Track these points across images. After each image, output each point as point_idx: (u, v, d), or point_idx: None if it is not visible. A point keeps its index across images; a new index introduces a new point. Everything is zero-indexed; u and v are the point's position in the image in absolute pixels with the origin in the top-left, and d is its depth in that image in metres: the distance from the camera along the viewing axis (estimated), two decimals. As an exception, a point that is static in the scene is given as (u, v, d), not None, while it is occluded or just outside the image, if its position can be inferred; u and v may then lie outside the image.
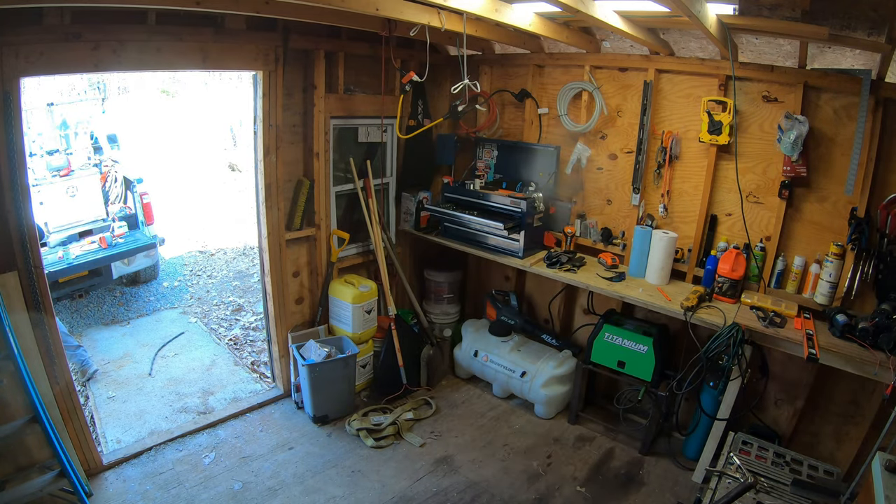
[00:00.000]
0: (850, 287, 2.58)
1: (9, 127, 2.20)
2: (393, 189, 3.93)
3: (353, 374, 3.35)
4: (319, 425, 3.27)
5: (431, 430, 3.30)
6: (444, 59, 3.71)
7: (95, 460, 2.77)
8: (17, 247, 2.33)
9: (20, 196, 2.28)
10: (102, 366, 3.97)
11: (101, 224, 5.05)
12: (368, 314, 3.49)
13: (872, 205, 2.53)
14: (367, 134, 3.63)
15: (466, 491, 2.81)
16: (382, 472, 2.92)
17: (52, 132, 5.38)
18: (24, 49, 2.17)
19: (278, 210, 3.23)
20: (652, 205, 3.25)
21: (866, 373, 2.33)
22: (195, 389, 3.66)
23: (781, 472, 2.14)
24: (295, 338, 3.41)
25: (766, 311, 2.66)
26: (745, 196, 2.88)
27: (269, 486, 2.77)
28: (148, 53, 2.52)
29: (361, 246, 3.78)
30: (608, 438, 3.28)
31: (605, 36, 3.13)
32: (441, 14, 2.63)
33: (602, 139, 3.36)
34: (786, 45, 2.56)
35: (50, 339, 2.48)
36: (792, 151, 2.60)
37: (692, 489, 2.73)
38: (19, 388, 2.25)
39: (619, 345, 3.08)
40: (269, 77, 2.98)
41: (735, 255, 2.86)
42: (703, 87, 2.93)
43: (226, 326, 4.75)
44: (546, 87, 3.55)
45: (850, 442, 2.77)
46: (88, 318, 4.80)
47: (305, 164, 3.36)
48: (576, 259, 3.32)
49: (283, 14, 2.51)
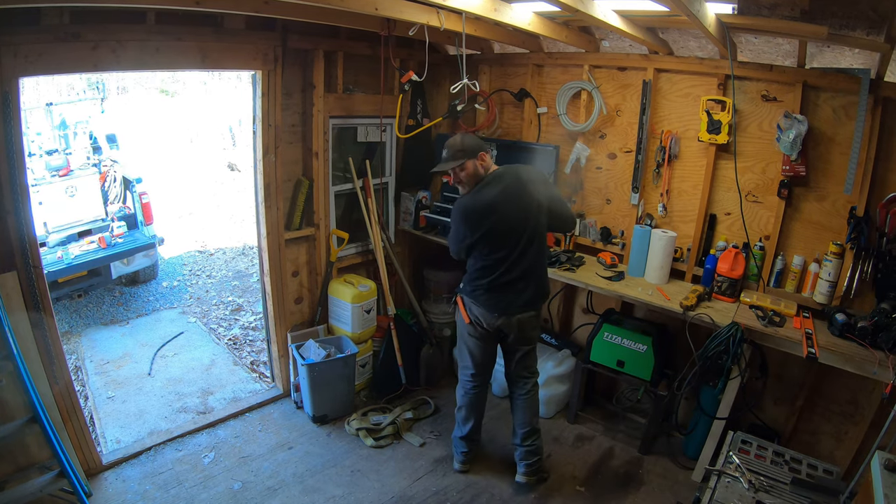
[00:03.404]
0: (849, 286, 2.58)
1: (8, 127, 2.19)
2: (392, 188, 3.93)
3: (353, 374, 3.35)
4: (319, 425, 3.27)
5: (431, 429, 3.30)
6: (443, 59, 3.70)
7: (95, 460, 2.77)
8: (16, 247, 2.33)
9: (19, 196, 2.28)
10: (102, 366, 3.97)
11: (100, 224, 5.04)
12: (368, 314, 3.49)
13: (871, 204, 2.54)
14: (367, 133, 3.63)
15: (466, 490, 2.82)
16: (382, 471, 2.92)
17: (51, 132, 5.38)
18: (22, 49, 2.16)
19: (277, 210, 3.23)
20: (651, 204, 3.25)
21: (865, 372, 2.33)
22: (194, 389, 3.66)
23: (781, 471, 2.14)
24: (294, 337, 3.41)
25: (766, 311, 2.67)
26: (744, 195, 2.88)
27: (268, 486, 2.77)
28: (147, 53, 2.52)
29: (360, 245, 3.78)
30: (607, 438, 3.28)
31: (605, 35, 3.13)
32: (440, 13, 2.63)
33: (601, 138, 3.36)
34: (785, 44, 2.56)
35: (49, 340, 2.47)
36: (791, 151, 2.60)
37: (691, 488, 2.72)
38: (19, 389, 2.25)
39: (619, 344, 3.08)
40: (268, 77, 2.98)
41: (734, 254, 2.86)
42: (702, 87, 2.93)
43: (225, 326, 4.75)
44: (545, 87, 3.55)
45: (850, 441, 2.78)
46: (88, 318, 4.80)
47: (304, 164, 3.36)
48: (575, 258, 3.32)
49: (282, 14, 2.51)
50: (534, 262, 2.57)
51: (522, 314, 2.61)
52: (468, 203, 2.54)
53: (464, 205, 2.55)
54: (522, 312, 2.61)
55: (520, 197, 2.49)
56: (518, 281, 2.55)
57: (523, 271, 2.54)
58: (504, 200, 2.48)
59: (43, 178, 4.73)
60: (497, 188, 2.50)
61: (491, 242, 2.51)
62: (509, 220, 2.48)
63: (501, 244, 2.50)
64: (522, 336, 2.67)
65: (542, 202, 2.51)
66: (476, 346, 2.73)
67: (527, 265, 2.54)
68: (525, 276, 2.56)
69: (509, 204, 2.48)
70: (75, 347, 4.25)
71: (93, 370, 3.92)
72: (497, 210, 2.47)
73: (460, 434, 2.91)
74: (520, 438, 2.81)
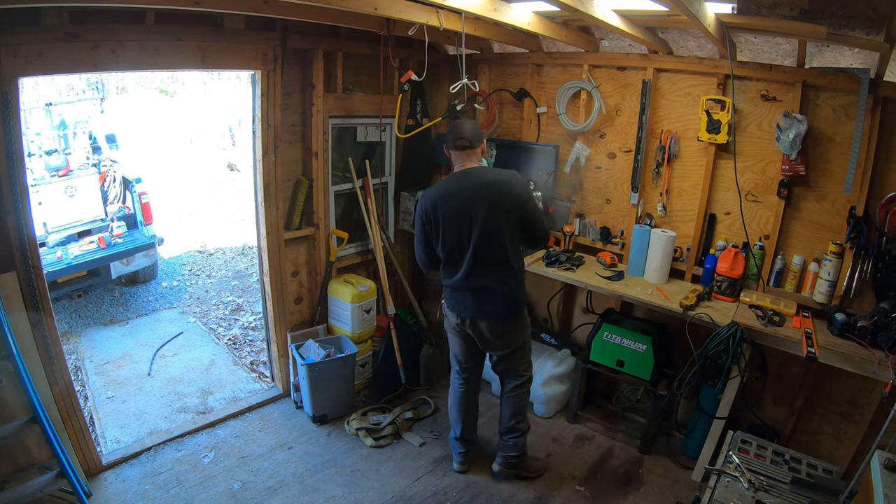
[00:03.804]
0: (848, 285, 2.59)
1: (7, 127, 2.19)
2: (392, 188, 3.93)
3: (353, 374, 3.35)
4: (319, 425, 3.27)
5: (431, 429, 3.30)
6: (442, 59, 3.70)
7: (95, 460, 2.77)
8: (15, 247, 2.32)
9: (19, 196, 2.28)
10: (101, 366, 3.97)
11: (99, 224, 5.04)
12: (367, 314, 3.49)
13: (871, 203, 2.54)
14: (366, 133, 3.63)
15: (466, 490, 2.82)
16: (382, 471, 2.92)
17: (51, 132, 5.38)
18: (22, 49, 2.16)
19: (277, 210, 3.23)
20: (651, 204, 3.25)
21: (865, 371, 2.33)
22: (194, 389, 3.66)
23: (780, 471, 2.14)
24: (294, 337, 3.41)
25: (765, 310, 2.67)
26: (743, 195, 2.88)
27: (268, 486, 2.77)
28: (146, 53, 2.51)
29: (360, 245, 3.78)
30: (607, 437, 3.28)
31: (604, 35, 3.13)
32: (439, 13, 2.63)
33: (601, 138, 3.36)
34: (784, 43, 2.56)
35: (49, 340, 2.47)
36: (791, 150, 2.60)
37: (691, 488, 2.73)
38: (18, 389, 2.25)
39: (618, 344, 3.08)
40: (267, 76, 2.97)
41: (734, 253, 2.86)
42: (701, 86, 2.93)
43: (225, 326, 4.75)
44: (545, 87, 3.55)
45: (849, 440, 2.78)
46: (87, 318, 4.80)
47: (304, 164, 3.36)
48: (574, 258, 3.33)
49: (281, 14, 2.51)
50: (498, 269, 2.50)
51: (487, 322, 2.58)
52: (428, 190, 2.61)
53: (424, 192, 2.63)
54: (487, 320, 2.57)
55: (476, 195, 2.43)
56: (479, 288, 2.52)
57: (484, 277, 2.50)
58: (456, 195, 2.46)
59: (42, 178, 4.73)
60: (456, 182, 2.50)
61: (441, 234, 2.50)
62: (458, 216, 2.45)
63: (448, 237, 2.48)
64: (494, 342, 2.65)
65: (509, 208, 2.44)
66: (454, 342, 2.79)
67: (488, 271, 2.49)
68: (487, 283, 2.51)
69: (459, 200, 2.45)
70: (75, 347, 4.24)
71: (92, 370, 3.92)
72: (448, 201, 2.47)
73: (454, 435, 2.93)
74: (501, 432, 2.87)
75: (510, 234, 2.47)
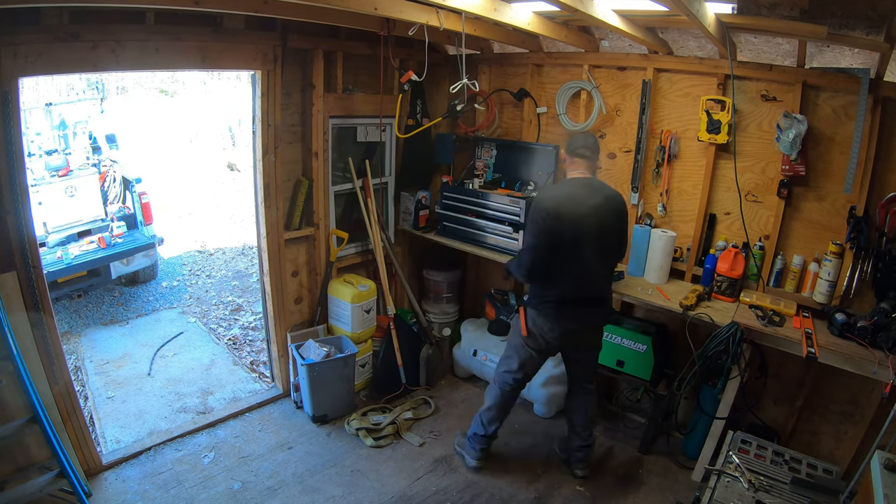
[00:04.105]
0: (848, 286, 2.59)
1: (7, 127, 2.19)
2: (392, 188, 3.93)
3: (353, 374, 3.35)
4: (319, 425, 3.27)
5: (431, 429, 3.30)
6: (442, 59, 3.70)
7: (95, 460, 2.77)
8: (15, 247, 2.32)
9: (19, 196, 2.28)
10: (101, 366, 3.97)
11: (99, 224, 5.03)
12: (367, 314, 3.49)
13: (871, 203, 2.54)
14: (366, 133, 3.63)
15: (466, 490, 2.82)
16: (382, 471, 2.92)
17: (51, 132, 5.37)
18: (22, 49, 2.16)
19: (277, 210, 3.23)
20: (651, 204, 3.25)
21: (865, 371, 2.33)
22: (194, 389, 3.66)
23: (780, 471, 2.14)
24: (294, 337, 3.41)
25: (765, 310, 2.67)
26: (743, 195, 2.88)
27: (268, 486, 2.77)
28: (146, 53, 2.51)
29: (360, 245, 3.78)
30: (607, 437, 3.28)
31: (604, 35, 3.13)
32: (440, 13, 2.63)
33: (601, 138, 3.35)
34: (784, 44, 2.56)
35: (49, 340, 2.47)
36: (791, 150, 2.60)
37: (691, 488, 2.72)
38: (18, 389, 2.25)
39: (618, 344, 3.08)
40: (267, 76, 2.97)
41: (734, 253, 2.86)
42: (701, 86, 2.93)
43: (225, 326, 4.75)
44: (545, 87, 3.55)
45: (849, 440, 2.78)
46: (87, 318, 4.80)
47: (304, 164, 3.36)
48: (575, 258, 3.32)
49: (281, 14, 2.51)
50: (607, 281, 2.67)
51: (588, 330, 2.67)
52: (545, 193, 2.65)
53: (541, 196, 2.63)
54: (589, 328, 2.66)
55: (604, 207, 2.45)
56: (594, 299, 2.57)
57: (601, 288, 2.61)
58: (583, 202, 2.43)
59: (42, 178, 4.73)
60: (582, 189, 2.49)
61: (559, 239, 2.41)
62: (585, 224, 2.41)
63: (564, 243, 2.41)
64: (584, 346, 2.74)
65: (622, 223, 2.55)
66: (529, 356, 2.69)
67: (604, 283, 2.61)
68: (603, 294, 2.62)
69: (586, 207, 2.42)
70: (75, 347, 4.24)
71: (92, 370, 3.92)
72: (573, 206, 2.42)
73: (486, 432, 2.87)
74: (577, 432, 2.85)
75: (617, 247, 2.62)
